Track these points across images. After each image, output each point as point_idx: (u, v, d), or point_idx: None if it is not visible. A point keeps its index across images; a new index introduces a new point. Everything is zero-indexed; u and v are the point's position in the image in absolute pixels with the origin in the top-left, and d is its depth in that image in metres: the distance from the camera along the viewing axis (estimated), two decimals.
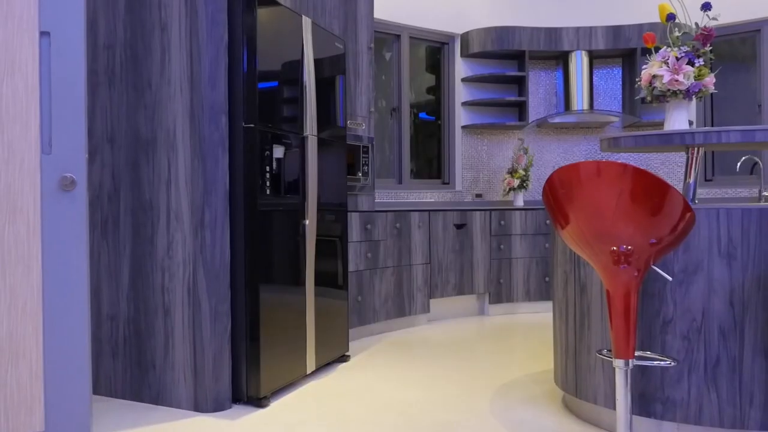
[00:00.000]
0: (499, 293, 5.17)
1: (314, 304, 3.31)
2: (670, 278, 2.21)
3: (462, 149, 5.84)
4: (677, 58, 2.23)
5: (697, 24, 2.28)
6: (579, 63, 5.71)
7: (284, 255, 3.07)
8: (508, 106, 5.93)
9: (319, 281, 3.37)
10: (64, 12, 2.12)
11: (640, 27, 5.59)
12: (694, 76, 2.23)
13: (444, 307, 5.08)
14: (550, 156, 6.02)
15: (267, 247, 2.93)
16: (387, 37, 5.57)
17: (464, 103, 5.81)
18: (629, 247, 1.97)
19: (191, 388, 2.81)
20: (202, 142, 2.78)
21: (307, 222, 3.26)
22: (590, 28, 5.64)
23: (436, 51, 5.95)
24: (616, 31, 5.64)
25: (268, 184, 2.94)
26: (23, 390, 2.09)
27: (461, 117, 5.84)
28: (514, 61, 5.97)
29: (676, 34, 2.31)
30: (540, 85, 5.98)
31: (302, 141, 3.23)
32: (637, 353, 2.27)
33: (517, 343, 4.14)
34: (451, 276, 4.94)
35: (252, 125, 2.87)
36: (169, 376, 2.85)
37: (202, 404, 2.78)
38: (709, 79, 2.26)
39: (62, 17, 2.11)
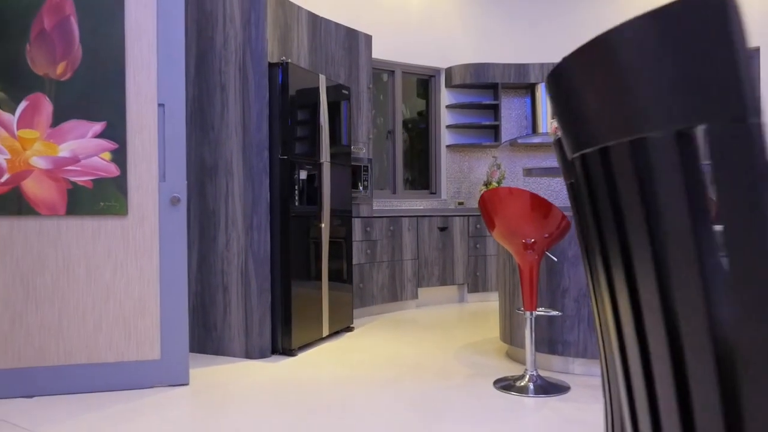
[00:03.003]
0: (476, 284, 6.32)
1: (327, 286, 4.48)
2: (555, 259, 3.37)
3: (447, 164, 7.00)
4: None
5: None
6: (544, 93, 6.88)
7: (307, 248, 4.24)
8: (485, 128, 7.09)
9: (331, 270, 4.54)
10: (172, 90, 3.29)
11: None
12: None
13: (430, 294, 6.23)
14: (521, 170, 7.18)
15: (295, 242, 4.11)
16: (384, 71, 6.74)
17: (448, 126, 6.98)
18: (532, 240, 3.14)
19: (243, 343, 3.97)
20: (251, 169, 3.95)
21: (323, 225, 4.43)
22: (552, 64, 6.81)
23: (425, 81, 7.12)
24: None
25: (296, 197, 4.11)
26: (147, 333, 3.26)
27: (446, 137, 7.01)
28: (490, 91, 7.14)
29: None
30: (512, 111, 7.15)
31: (319, 166, 4.40)
32: (539, 309, 3.44)
33: (485, 322, 5.31)
34: (435, 269, 6.10)
35: (285, 157, 4.05)
36: (227, 334, 4.02)
37: (251, 353, 3.95)
38: None
39: (171, 94, 3.29)
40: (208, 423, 2.76)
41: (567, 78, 0.60)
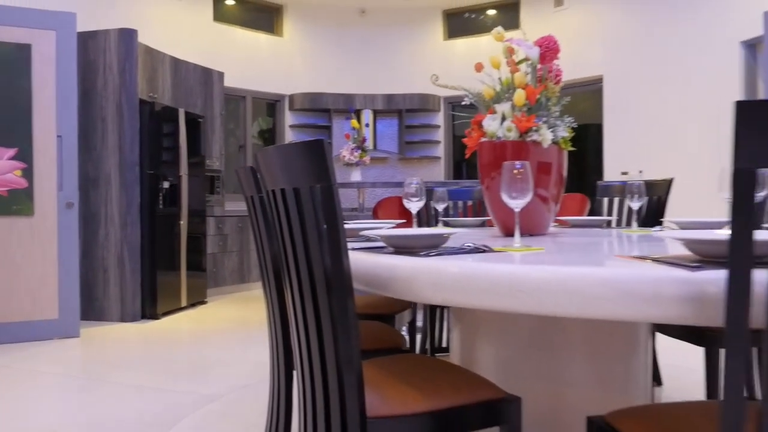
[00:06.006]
0: None
1: (186, 269, 5.90)
2: None
3: None
4: (351, 150, 5.09)
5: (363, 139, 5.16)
6: (367, 117, 8.64)
7: (170, 240, 5.65)
8: None
9: (188, 257, 5.96)
10: (67, 125, 4.60)
11: (403, 96, 8.62)
12: (359, 157, 5.11)
13: None
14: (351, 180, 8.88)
15: (160, 236, 5.50)
16: (237, 97, 8.19)
17: (291, 142, 8.54)
18: None
19: (119, 310, 5.31)
20: (126, 181, 5.30)
21: (182, 222, 5.84)
22: (372, 95, 8.59)
23: (272, 105, 8.64)
24: (390, 97, 8.62)
25: (161, 201, 5.50)
26: (48, 299, 4.55)
27: None
28: (325, 114, 8.79)
29: (354, 139, 5.18)
30: (343, 130, 8.83)
31: (179, 177, 5.81)
32: None
33: None
34: None
35: (152, 171, 5.43)
36: (106, 305, 5.34)
37: (125, 318, 5.30)
38: (366, 159, 5.15)
39: (66, 127, 4.59)
40: (95, 357, 4.16)
41: (264, 158, 2.15)
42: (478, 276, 1.26)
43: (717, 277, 1.04)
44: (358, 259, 1.50)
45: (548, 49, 2.35)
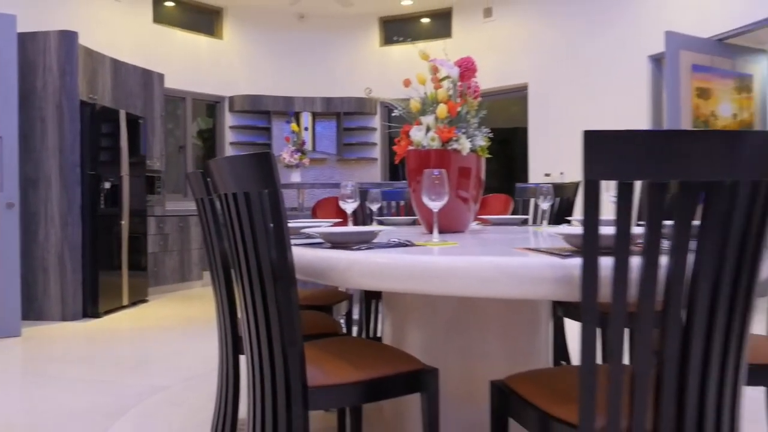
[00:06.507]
0: None
1: (127, 268, 5.99)
2: None
3: None
4: (291, 153, 5.33)
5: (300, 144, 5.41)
6: (306, 119, 8.85)
7: (111, 240, 5.73)
8: (259, 145, 8.89)
9: (130, 256, 6.05)
10: (8, 126, 4.65)
11: (341, 99, 8.88)
12: (298, 159, 5.35)
13: None
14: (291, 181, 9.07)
15: (102, 236, 5.58)
16: (177, 98, 8.26)
17: (231, 143, 8.68)
18: None
19: (60, 309, 5.37)
20: (67, 181, 5.37)
21: (123, 222, 5.93)
22: (312, 98, 8.81)
23: (212, 106, 8.74)
24: (329, 100, 8.87)
25: (102, 202, 5.59)
26: None
27: (229, 151, 8.70)
28: (265, 115, 8.95)
29: (293, 142, 5.41)
30: (283, 132, 9.02)
31: (120, 178, 5.90)
32: None
33: None
34: None
35: (93, 172, 5.51)
36: (46, 304, 5.39)
37: (67, 317, 5.37)
38: (305, 161, 5.39)
39: (7, 128, 4.65)
40: (39, 355, 4.26)
41: (216, 167, 2.39)
42: (401, 265, 1.54)
43: (579, 263, 1.36)
44: (300, 254, 1.76)
45: (467, 68, 2.67)
